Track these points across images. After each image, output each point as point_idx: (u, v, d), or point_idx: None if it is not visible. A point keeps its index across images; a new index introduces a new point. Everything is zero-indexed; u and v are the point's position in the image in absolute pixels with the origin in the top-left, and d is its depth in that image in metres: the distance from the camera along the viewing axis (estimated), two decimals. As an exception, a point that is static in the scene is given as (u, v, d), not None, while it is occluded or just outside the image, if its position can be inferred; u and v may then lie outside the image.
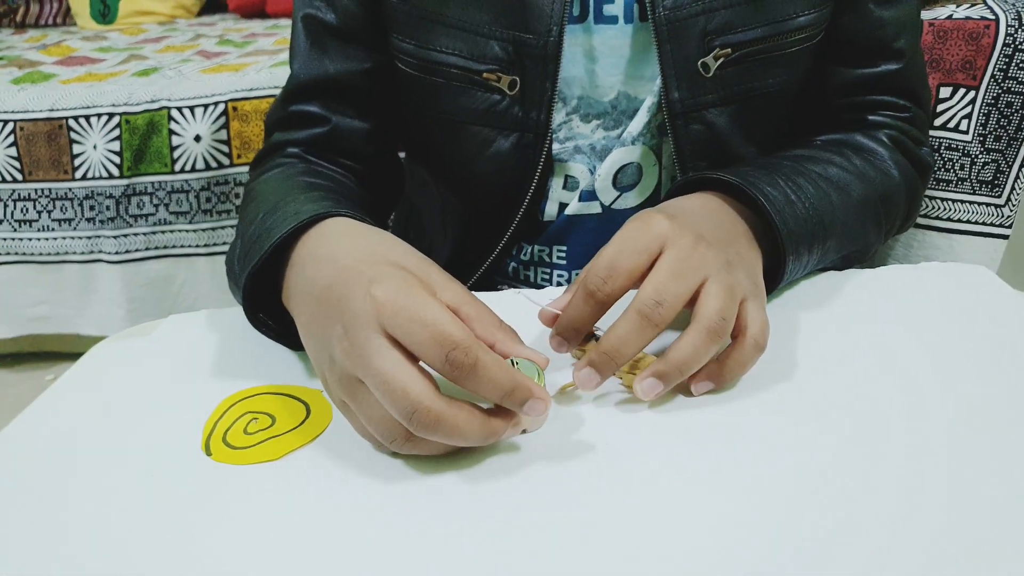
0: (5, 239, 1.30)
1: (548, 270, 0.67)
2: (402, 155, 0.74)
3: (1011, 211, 1.09)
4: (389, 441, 0.37)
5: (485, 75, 0.59)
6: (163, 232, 1.27)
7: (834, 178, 0.55)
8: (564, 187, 0.64)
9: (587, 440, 0.39)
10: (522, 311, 0.47)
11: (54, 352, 1.44)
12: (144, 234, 1.27)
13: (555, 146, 0.62)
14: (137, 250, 1.28)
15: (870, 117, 0.62)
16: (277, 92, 1.22)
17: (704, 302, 0.40)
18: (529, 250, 0.67)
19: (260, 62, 1.38)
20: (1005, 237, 1.10)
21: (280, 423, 0.42)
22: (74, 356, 1.42)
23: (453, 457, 0.38)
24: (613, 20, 0.58)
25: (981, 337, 0.45)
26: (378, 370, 0.35)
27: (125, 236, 1.27)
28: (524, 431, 0.39)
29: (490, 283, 0.69)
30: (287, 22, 1.87)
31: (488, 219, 0.64)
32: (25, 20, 2.26)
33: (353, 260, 0.40)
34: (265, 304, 0.48)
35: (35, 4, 2.29)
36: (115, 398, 0.47)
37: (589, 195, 0.63)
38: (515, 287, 0.69)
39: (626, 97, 0.61)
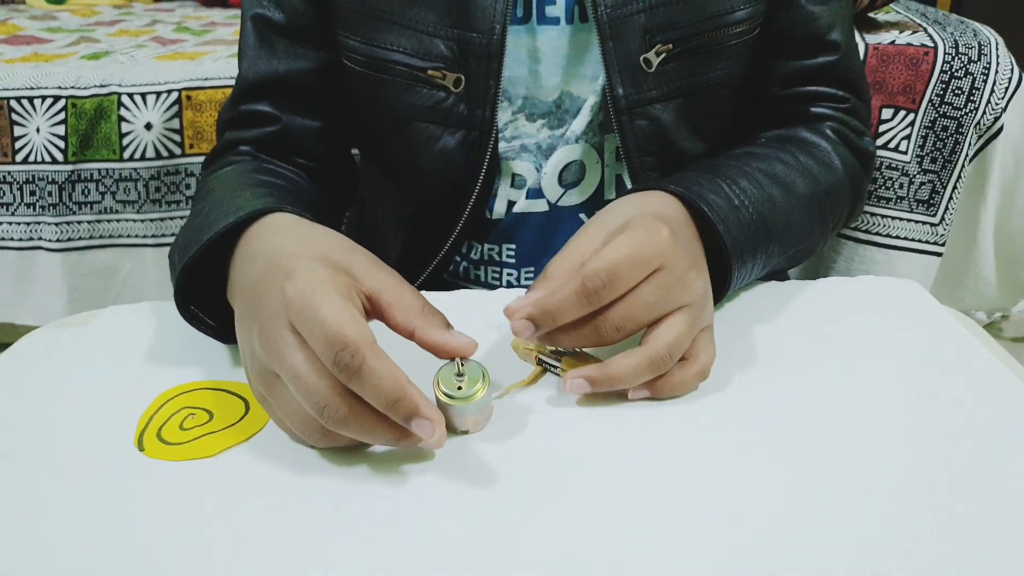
0: (-60, 222, 1.26)
1: (498, 269, 0.68)
2: (356, 152, 0.75)
3: (944, 230, 1.14)
4: (305, 435, 0.38)
5: (430, 72, 0.60)
6: (109, 221, 1.24)
7: (779, 175, 0.56)
8: (512, 185, 0.65)
9: (535, 443, 0.40)
10: (474, 310, 0.48)
11: (-11, 340, 1.39)
12: (88, 222, 1.24)
13: (502, 145, 0.63)
14: (80, 238, 1.24)
15: (812, 109, 0.64)
16: (232, 83, 1.21)
17: (662, 331, 0.42)
18: (479, 249, 0.68)
19: (218, 52, 1.36)
20: (939, 254, 1.15)
21: (217, 419, 0.42)
22: (5, 347, 1.36)
23: (392, 457, 0.39)
24: (555, 21, 0.60)
25: (905, 348, 0.48)
26: (290, 366, 0.36)
27: (68, 223, 1.24)
28: (465, 432, 0.40)
29: (440, 283, 0.70)
30: (246, 12, 1.84)
31: (437, 216, 0.65)
32: (-31, -4, 2.18)
33: (279, 255, 0.41)
34: (206, 299, 0.48)
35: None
36: (46, 389, 0.46)
37: (536, 193, 0.65)
38: (467, 287, 0.70)
39: (569, 96, 0.63)
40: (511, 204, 0.66)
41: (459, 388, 0.39)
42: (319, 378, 0.36)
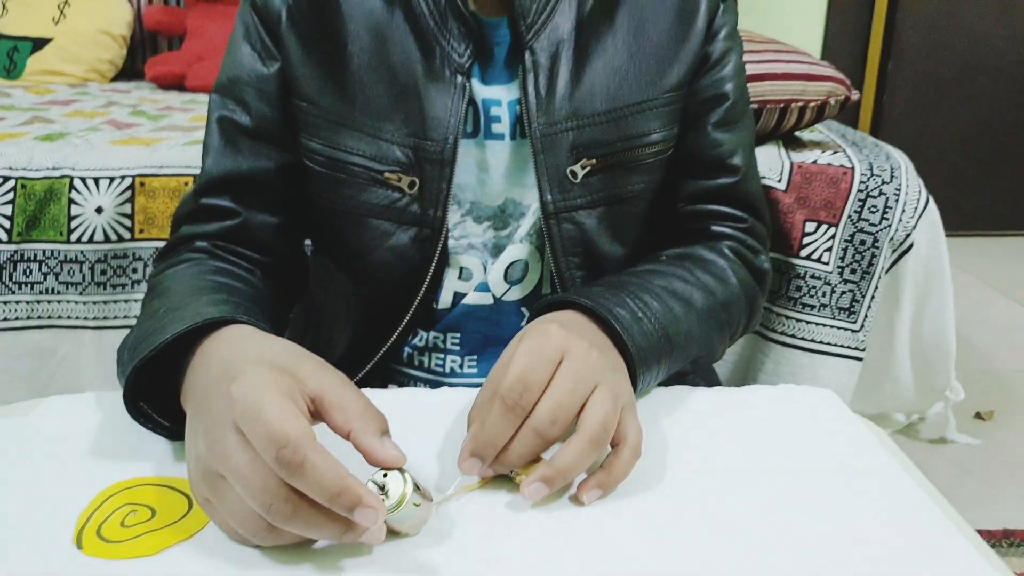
0: None
1: (442, 355, 0.71)
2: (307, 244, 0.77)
3: (864, 336, 1.21)
4: (251, 534, 0.39)
5: (387, 175, 0.64)
6: (49, 302, 1.22)
7: (678, 291, 0.62)
8: (459, 278, 0.69)
9: (475, 544, 0.41)
10: (420, 408, 0.50)
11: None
12: (27, 302, 1.22)
13: (450, 242, 0.68)
14: (18, 318, 1.22)
15: (713, 227, 0.70)
16: (189, 171, 1.23)
17: (589, 412, 0.45)
18: (424, 336, 0.71)
19: (173, 138, 1.38)
20: (859, 359, 1.22)
21: (160, 516, 0.42)
22: None
23: (335, 553, 0.40)
24: (500, 136, 0.66)
25: (817, 456, 0.51)
26: (235, 466, 0.38)
27: (6, 303, 1.21)
28: (406, 535, 0.42)
29: (386, 370, 0.72)
30: (204, 97, 1.87)
31: (386, 307, 0.69)
32: (-80, 66, 2.18)
33: (229, 362, 0.43)
34: (154, 397, 0.50)
35: (-67, 51, 2.21)
36: None
37: (483, 287, 0.69)
38: (410, 374, 0.73)
39: (512, 203, 0.68)
40: (457, 295, 0.69)
41: (383, 500, 0.40)
42: (263, 477, 0.37)
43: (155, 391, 0.50)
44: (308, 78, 0.65)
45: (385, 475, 0.41)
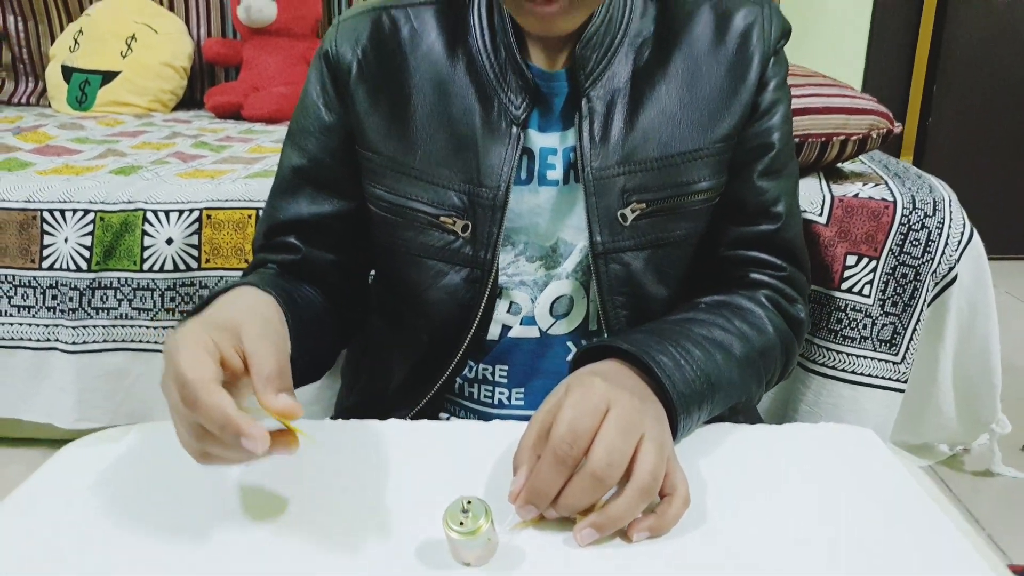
0: (-41, 320, 1.32)
1: (491, 387, 0.75)
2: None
3: (906, 368, 1.22)
4: (193, 454, 0.48)
5: (443, 219, 0.69)
6: (123, 326, 1.30)
7: (718, 339, 0.64)
8: (508, 311, 0.73)
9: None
10: (474, 442, 0.53)
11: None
12: (104, 326, 1.30)
13: (502, 278, 0.71)
14: (95, 341, 1.30)
15: (752, 275, 0.72)
16: (250, 205, 1.31)
17: (640, 462, 0.48)
18: (474, 368, 0.75)
19: (236, 171, 1.46)
20: (901, 391, 1.23)
21: None
22: (9, 440, 1.45)
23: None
24: (554, 183, 0.70)
25: (856, 496, 0.53)
26: (168, 402, 0.48)
27: (84, 327, 1.30)
28: (468, 564, 0.45)
29: (440, 400, 0.76)
30: (261, 127, 1.96)
31: (441, 342, 0.73)
32: (-2, 96, 2.31)
33: (209, 322, 0.51)
34: None
35: (10, 81, 2.35)
36: (84, 506, 0.51)
37: (529, 320, 0.72)
38: (462, 404, 0.76)
39: (563, 242, 0.71)
40: (505, 328, 0.73)
41: (461, 524, 0.43)
42: (181, 411, 0.47)
43: None
44: (374, 129, 0.70)
45: (470, 503, 0.44)
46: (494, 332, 0.73)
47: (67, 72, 2.14)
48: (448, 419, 0.78)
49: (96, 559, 0.47)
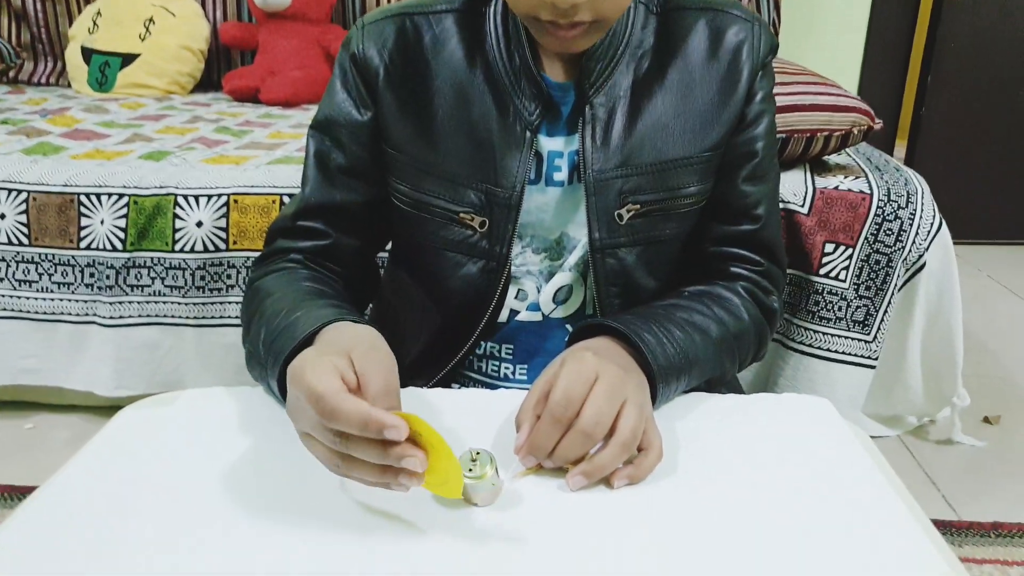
0: (5, 295, 1.42)
1: (497, 363, 0.82)
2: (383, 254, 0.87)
3: (877, 347, 1.33)
4: (333, 470, 0.52)
5: (461, 215, 0.74)
6: (157, 303, 1.40)
7: (697, 323, 0.71)
8: (516, 297, 0.79)
9: (531, 517, 0.53)
10: (483, 407, 0.61)
11: (34, 402, 1.53)
12: (139, 303, 1.40)
13: (512, 268, 0.77)
14: (131, 316, 1.40)
15: (732, 268, 0.78)
16: (274, 191, 1.40)
17: (622, 422, 0.56)
18: (484, 346, 0.82)
19: (259, 157, 1.55)
20: (872, 367, 1.33)
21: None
22: (53, 407, 1.61)
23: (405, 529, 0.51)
24: (560, 184, 0.75)
25: (803, 455, 0.60)
26: (304, 425, 0.53)
27: (120, 303, 1.40)
28: (475, 504, 0.53)
29: (453, 372, 0.83)
30: (279, 112, 2.04)
31: (457, 324, 0.79)
32: (18, 76, 2.38)
33: (317, 351, 0.56)
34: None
35: (29, 61, 2.42)
36: (147, 463, 0.57)
37: (534, 306, 0.79)
38: (472, 377, 0.84)
39: (566, 236, 0.77)
40: (513, 312, 0.80)
41: (471, 470, 0.52)
42: (320, 431, 0.50)
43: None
44: (399, 130, 0.74)
45: (479, 453, 0.53)
46: (503, 316, 0.80)
47: (87, 54, 2.21)
48: (459, 388, 0.87)
49: (160, 514, 0.52)
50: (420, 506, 0.54)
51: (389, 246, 0.87)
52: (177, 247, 1.38)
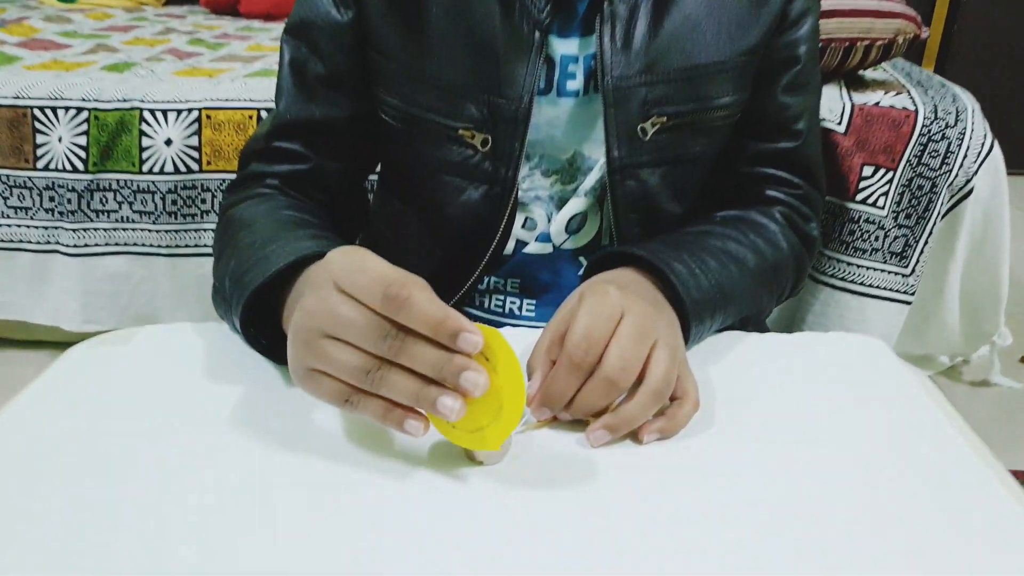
0: (-42, 221, 1.30)
1: (502, 297, 0.74)
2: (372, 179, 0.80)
3: (915, 281, 1.22)
4: (359, 381, 0.41)
5: (461, 132, 0.65)
6: (125, 230, 1.28)
7: (733, 252, 0.63)
8: (523, 226, 0.71)
9: (545, 479, 0.45)
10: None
11: (1, 338, 1.43)
12: (105, 230, 1.28)
13: (519, 193, 0.69)
14: (96, 245, 1.29)
15: (767, 192, 0.70)
16: (251, 105, 1.26)
17: (652, 368, 0.48)
18: (488, 281, 0.74)
19: (235, 69, 1.41)
20: (908, 303, 1.23)
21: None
22: (20, 343, 1.46)
23: (406, 480, 0.43)
24: (574, 93, 0.66)
25: (863, 403, 0.53)
26: (343, 316, 0.41)
27: (85, 230, 1.28)
28: (481, 463, 0.45)
29: (455, 310, 0.76)
30: (259, 24, 1.88)
31: (459, 258, 0.71)
32: (-22, -14, 2.20)
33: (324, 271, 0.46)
34: (256, 323, 0.54)
35: (-10, -30, 2.23)
36: (90, 407, 0.50)
37: (544, 237, 0.71)
38: (472, 314, 0.75)
39: (580, 156, 0.68)
40: (519, 243, 0.72)
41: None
42: (370, 318, 0.40)
43: (252, 320, 0.54)
44: (387, 31, 0.66)
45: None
46: (509, 247, 0.72)
47: (50, -40, 2.03)
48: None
49: (99, 460, 0.46)
50: (413, 464, 0.45)
51: (378, 170, 0.78)
52: (145, 168, 1.26)
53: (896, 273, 1.21)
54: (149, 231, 1.28)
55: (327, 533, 0.40)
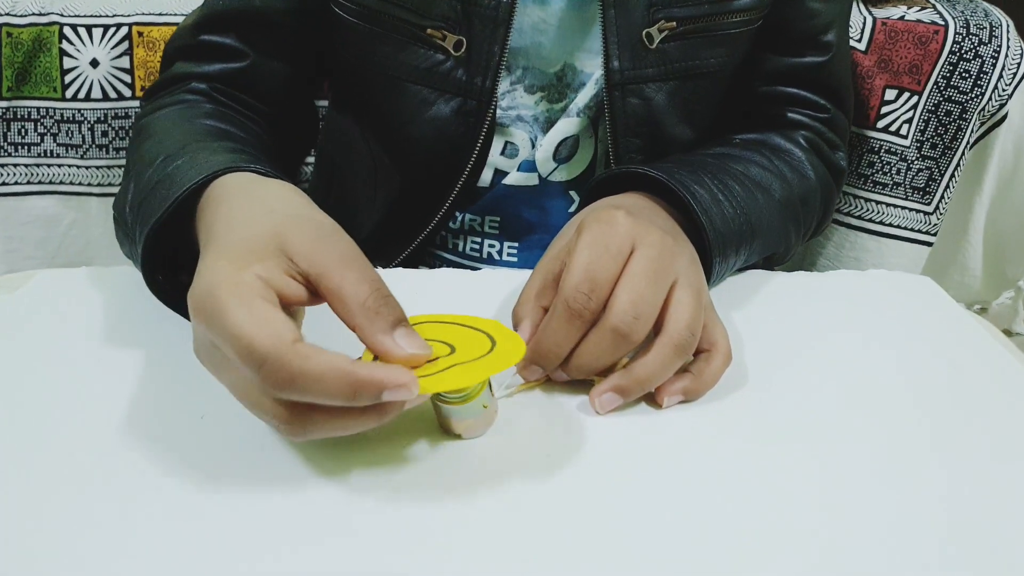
0: None
1: (479, 239, 0.65)
2: (320, 104, 0.71)
3: (938, 219, 1.11)
4: (283, 435, 0.34)
5: (429, 31, 0.56)
6: (49, 166, 1.14)
7: (756, 178, 0.56)
8: (502, 153, 0.62)
9: (535, 454, 0.37)
10: (460, 292, 0.44)
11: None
12: (26, 166, 1.14)
13: (498, 111, 0.60)
14: (17, 183, 1.15)
15: (789, 114, 0.64)
16: (190, 19, 1.11)
17: (672, 313, 0.39)
18: (461, 218, 0.65)
19: (172, -19, 1.24)
20: (930, 244, 1.13)
21: (460, 352, 0.34)
22: None
23: (380, 467, 0.35)
24: None
25: (923, 345, 0.47)
26: (229, 384, 0.33)
27: (3, 166, 1.14)
28: (459, 437, 0.36)
29: (417, 252, 0.67)
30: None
31: (424, 187, 0.61)
32: None
33: (218, 235, 0.37)
34: (163, 261, 0.44)
35: None
36: None
37: (529, 165, 0.62)
38: (443, 257, 0.67)
39: (571, 69, 0.60)
40: (498, 174, 0.62)
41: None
42: (258, 396, 0.31)
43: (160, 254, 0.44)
44: None
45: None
46: (486, 177, 0.63)
47: None
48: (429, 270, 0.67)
49: None
50: (383, 438, 0.37)
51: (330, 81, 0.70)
52: (69, 94, 1.11)
53: (919, 211, 1.10)
54: (77, 167, 1.14)
55: (269, 512, 0.33)
